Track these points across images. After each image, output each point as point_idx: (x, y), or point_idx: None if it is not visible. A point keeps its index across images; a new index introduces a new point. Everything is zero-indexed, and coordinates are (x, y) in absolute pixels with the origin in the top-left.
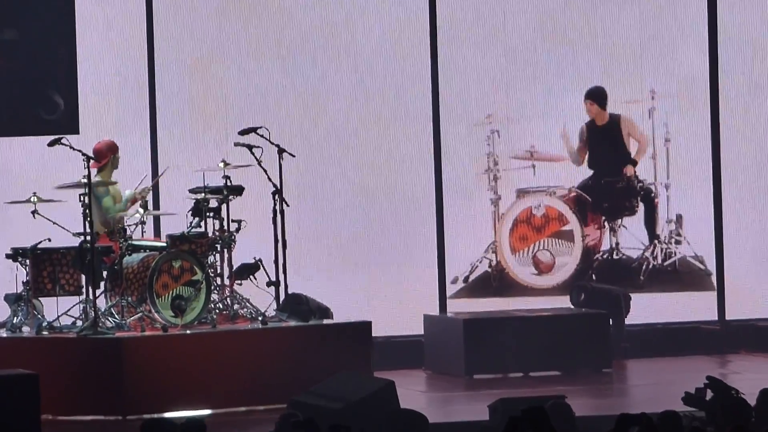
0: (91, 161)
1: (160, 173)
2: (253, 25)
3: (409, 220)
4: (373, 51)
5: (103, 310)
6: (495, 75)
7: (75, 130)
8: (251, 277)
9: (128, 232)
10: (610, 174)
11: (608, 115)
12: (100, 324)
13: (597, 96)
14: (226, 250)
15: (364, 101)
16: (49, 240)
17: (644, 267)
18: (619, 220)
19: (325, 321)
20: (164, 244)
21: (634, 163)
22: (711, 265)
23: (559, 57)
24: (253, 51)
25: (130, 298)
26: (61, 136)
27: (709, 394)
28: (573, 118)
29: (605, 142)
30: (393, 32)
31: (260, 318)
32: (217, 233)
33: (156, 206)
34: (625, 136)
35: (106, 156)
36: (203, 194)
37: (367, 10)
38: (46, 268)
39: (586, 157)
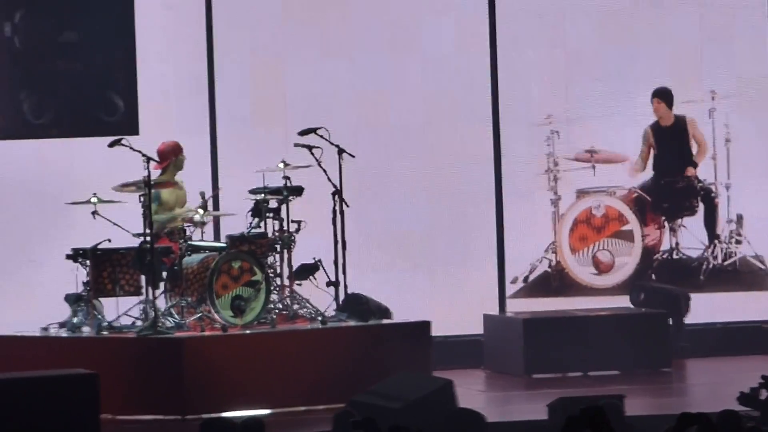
0: (154, 162)
1: (208, 197)
2: (314, 24)
3: (469, 220)
4: (434, 51)
5: (162, 310)
6: (555, 75)
7: (135, 131)
8: (311, 277)
9: (188, 233)
10: (673, 175)
11: (674, 115)
12: (160, 324)
13: (665, 95)
14: (285, 251)
15: (424, 102)
16: (109, 241)
17: (704, 267)
18: (679, 220)
19: (385, 321)
20: (224, 245)
21: (695, 165)
22: None
23: (618, 57)
24: (313, 50)
25: (189, 299)
26: (121, 137)
27: (764, 394)
28: (632, 118)
29: (671, 143)
30: (454, 32)
31: (320, 318)
32: (276, 234)
33: (216, 207)
34: (690, 137)
35: (168, 157)
36: (263, 195)
37: (428, 9)
38: (106, 268)
39: (650, 159)
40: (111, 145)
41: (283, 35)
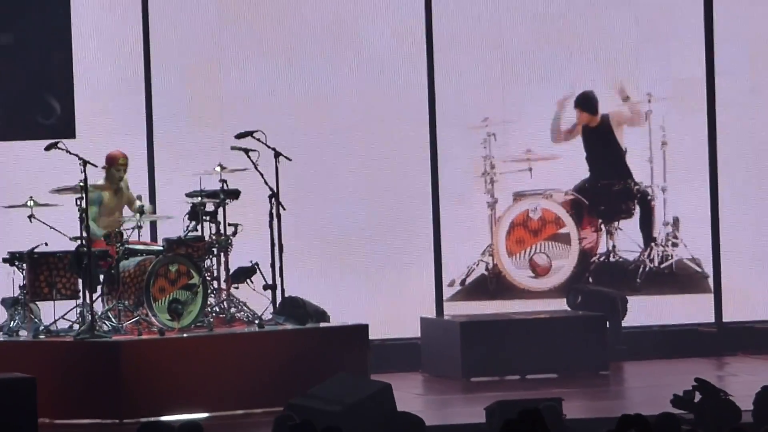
0: (91, 167)
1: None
2: (250, 28)
3: (406, 223)
4: (370, 54)
5: (100, 313)
6: (491, 77)
7: (72, 135)
8: (248, 280)
9: (125, 236)
10: (610, 174)
11: (600, 116)
12: (97, 328)
13: (584, 103)
14: (222, 254)
15: (360, 105)
16: (46, 244)
17: (641, 269)
18: (616, 223)
19: (322, 324)
20: (161, 248)
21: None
22: (708, 268)
23: (555, 60)
24: (249, 54)
25: (126, 302)
26: (57, 140)
27: (698, 396)
28: (569, 121)
29: (599, 142)
30: (390, 33)
31: (257, 321)
32: (213, 237)
33: (152, 210)
34: (617, 128)
35: (106, 164)
36: (200, 198)
37: (363, 13)
38: (43, 272)
39: (562, 138)
40: (47, 148)
41: (220, 37)
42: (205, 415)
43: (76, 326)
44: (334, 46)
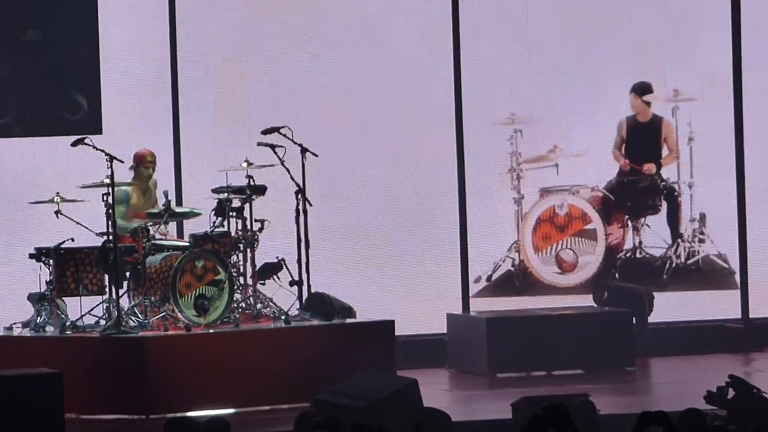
0: (118, 162)
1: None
2: (277, 24)
3: (433, 220)
4: (397, 50)
5: (126, 309)
6: (518, 74)
7: (98, 131)
8: (274, 276)
9: (151, 232)
10: (640, 172)
11: (652, 113)
12: (124, 323)
13: (643, 90)
14: (249, 250)
15: (388, 101)
16: (72, 240)
17: (667, 265)
18: (643, 219)
19: (348, 320)
20: (187, 244)
21: (659, 165)
22: (734, 264)
23: (582, 56)
24: (276, 50)
25: (153, 298)
26: (84, 136)
27: (731, 393)
28: (595, 117)
29: (642, 139)
30: (417, 31)
31: (283, 317)
32: (240, 233)
33: (179, 205)
34: (662, 139)
35: (134, 162)
36: (226, 194)
37: (390, 9)
38: (70, 267)
39: (623, 150)
40: (74, 144)
41: (247, 34)
42: (231, 410)
43: (102, 322)
44: (360, 42)
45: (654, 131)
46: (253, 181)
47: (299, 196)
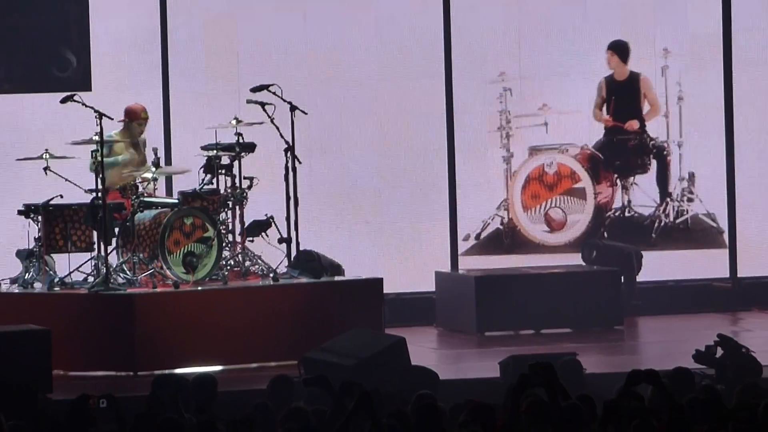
0: (107, 119)
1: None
2: None
3: (421, 178)
4: (386, 8)
5: (114, 266)
6: (508, 32)
7: (87, 87)
8: (263, 233)
9: (140, 189)
10: (624, 129)
11: (629, 71)
12: (112, 280)
13: (619, 49)
14: (237, 207)
15: (377, 58)
16: (61, 197)
17: (656, 224)
18: (632, 178)
19: (337, 278)
20: (176, 201)
21: (642, 122)
22: (723, 223)
23: (572, 14)
24: (265, 8)
25: (141, 255)
26: (73, 92)
27: (720, 352)
28: (585, 76)
29: (623, 97)
30: None
31: (272, 275)
32: (228, 190)
33: (168, 163)
34: (642, 96)
35: (125, 117)
36: (215, 151)
37: None
38: (58, 224)
39: (604, 110)
40: (63, 101)
41: None
42: (219, 368)
43: (90, 279)
44: (350, 0)
45: (632, 88)
46: (242, 138)
47: (288, 153)
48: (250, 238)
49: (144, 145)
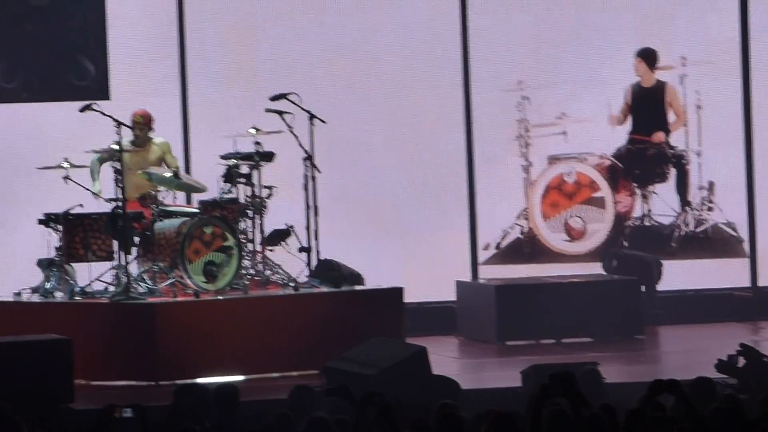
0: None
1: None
2: None
3: (441, 187)
4: (405, 16)
5: (135, 275)
6: (526, 41)
7: (106, 96)
8: (283, 242)
9: (160, 198)
10: (646, 134)
11: (656, 79)
12: (132, 290)
13: (647, 56)
14: (257, 216)
15: (396, 66)
16: (81, 206)
17: (676, 234)
18: (651, 187)
19: (357, 287)
20: (196, 210)
21: (667, 132)
22: (743, 232)
23: (589, 22)
24: (283, 16)
25: (162, 264)
26: (92, 101)
27: (742, 361)
28: (602, 84)
29: (647, 105)
30: None
31: (292, 284)
32: (248, 199)
33: (187, 172)
34: (667, 104)
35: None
36: (234, 160)
37: None
38: (79, 233)
39: (629, 117)
40: (82, 109)
41: None
42: (240, 377)
43: (111, 288)
44: (368, 8)
45: (657, 96)
46: (262, 147)
47: (307, 162)
48: (271, 248)
49: (164, 147)
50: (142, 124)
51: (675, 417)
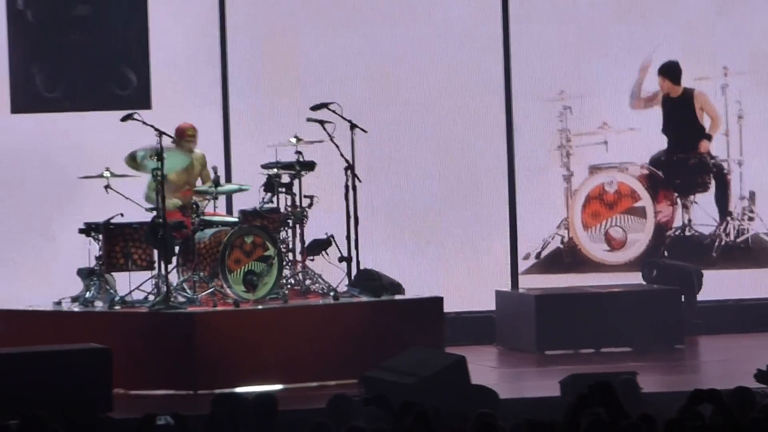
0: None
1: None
2: None
3: (482, 196)
4: (447, 25)
5: (175, 285)
6: (567, 51)
7: (147, 106)
8: (323, 252)
9: (200, 208)
10: (684, 146)
11: (682, 88)
12: (173, 299)
13: (669, 71)
14: (298, 226)
15: (438, 76)
16: (122, 215)
17: (716, 243)
18: (692, 197)
19: (397, 296)
20: (236, 220)
21: (709, 138)
22: None
23: (631, 32)
24: (325, 25)
25: (202, 273)
26: (133, 111)
27: None
28: (651, 89)
29: (679, 114)
30: (466, 6)
31: (332, 293)
32: (289, 209)
33: (228, 181)
34: (698, 110)
35: (175, 138)
36: (275, 169)
37: None
38: (119, 243)
39: (642, 105)
40: (124, 119)
41: (296, 7)
42: (279, 386)
43: (151, 297)
44: (409, 18)
45: (687, 103)
46: (302, 156)
47: (348, 172)
48: (311, 257)
49: (202, 162)
50: (195, 137)
51: (714, 426)
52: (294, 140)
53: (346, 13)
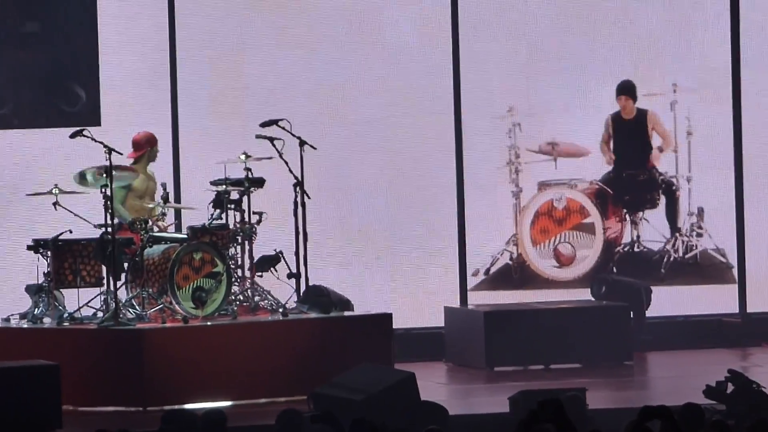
0: (128, 151)
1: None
2: (276, 16)
3: (430, 213)
4: (396, 43)
5: (124, 301)
6: (516, 67)
7: (97, 122)
8: (272, 269)
9: (149, 224)
10: (633, 167)
11: (636, 108)
12: (121, 315)
13: (628, 90)
14: (247, 242)
15: (385, 93)
16: (71, 232)
17: (665, 260)
18: (641, 213)
19: (346, 313)
20: (185, 236)
21: (660, 150)
22: (732, 258)
23: (580, 50)
24: (274, 42)
25: (150, 290)
26: (82, 127)
27: (730, 387)
28: (594, 111)
29: (631, 135)
30: (415, 24)
31: (281, 310)
32: (238, 225)
33: (177, 199)
34: (650, 130)
35: (143, 148)
36: (224, 186)
37: (388, 1)
38: (67, 259)
39: (611, 146)
40: (73, 135)
41: (245, 26)
42: (228, 403)
43: (100, 314)
44: (358, 35)
45: (639, 125)
46: (252, 173)
47: (297, 188)
48: (260, 273)
49: (154, 176)
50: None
51: None
52: (243, 157)
53: (294, 32)
